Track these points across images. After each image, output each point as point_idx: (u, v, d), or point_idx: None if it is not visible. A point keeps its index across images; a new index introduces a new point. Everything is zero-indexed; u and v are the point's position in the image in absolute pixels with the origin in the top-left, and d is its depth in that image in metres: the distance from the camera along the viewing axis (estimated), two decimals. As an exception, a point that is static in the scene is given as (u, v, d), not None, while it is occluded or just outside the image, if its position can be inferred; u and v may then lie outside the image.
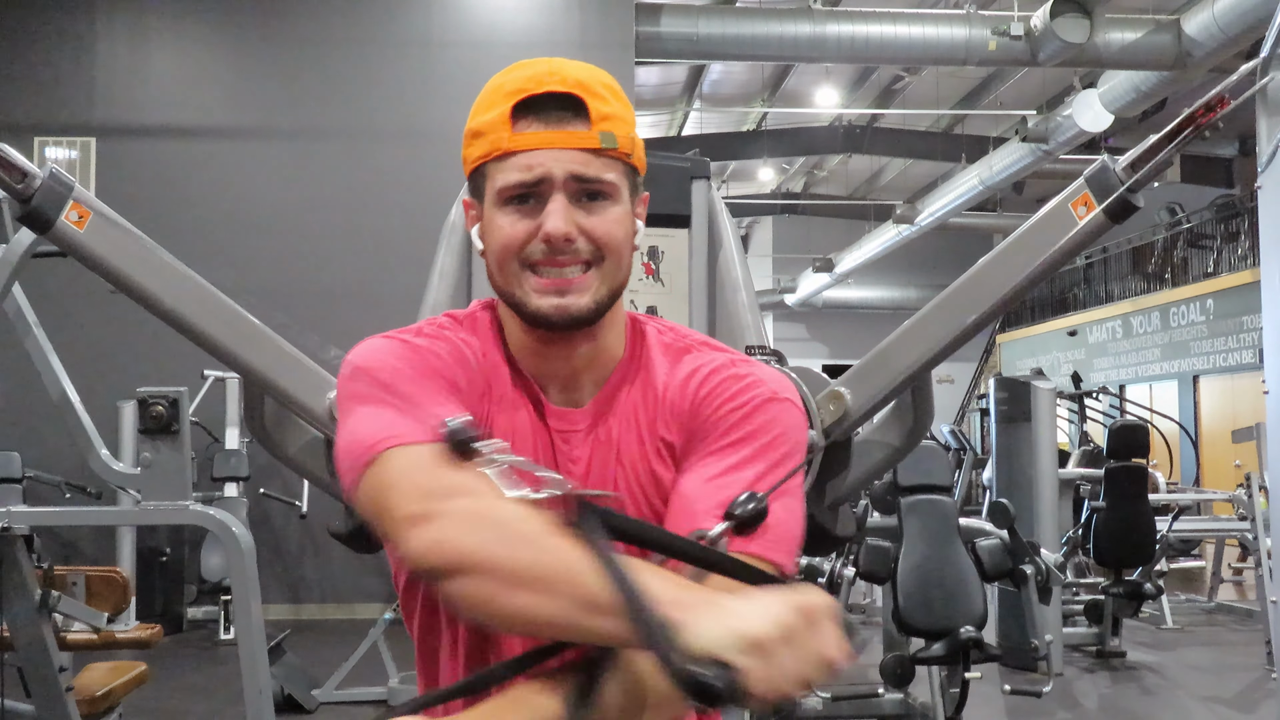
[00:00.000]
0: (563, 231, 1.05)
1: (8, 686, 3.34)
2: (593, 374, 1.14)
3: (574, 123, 1.06)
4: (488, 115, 1.08)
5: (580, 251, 1.07)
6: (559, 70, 1.08)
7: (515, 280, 1.09)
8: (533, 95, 1.06)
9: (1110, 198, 2.18)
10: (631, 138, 1.10)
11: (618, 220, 1.09)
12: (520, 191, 1.07)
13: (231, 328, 2.50)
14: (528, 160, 1.06)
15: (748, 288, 2.96)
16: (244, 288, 3.88)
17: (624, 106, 1.10)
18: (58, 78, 8.74)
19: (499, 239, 1.08)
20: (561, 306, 1.07)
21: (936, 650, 4.09)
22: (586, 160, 1.06)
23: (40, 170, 2.30)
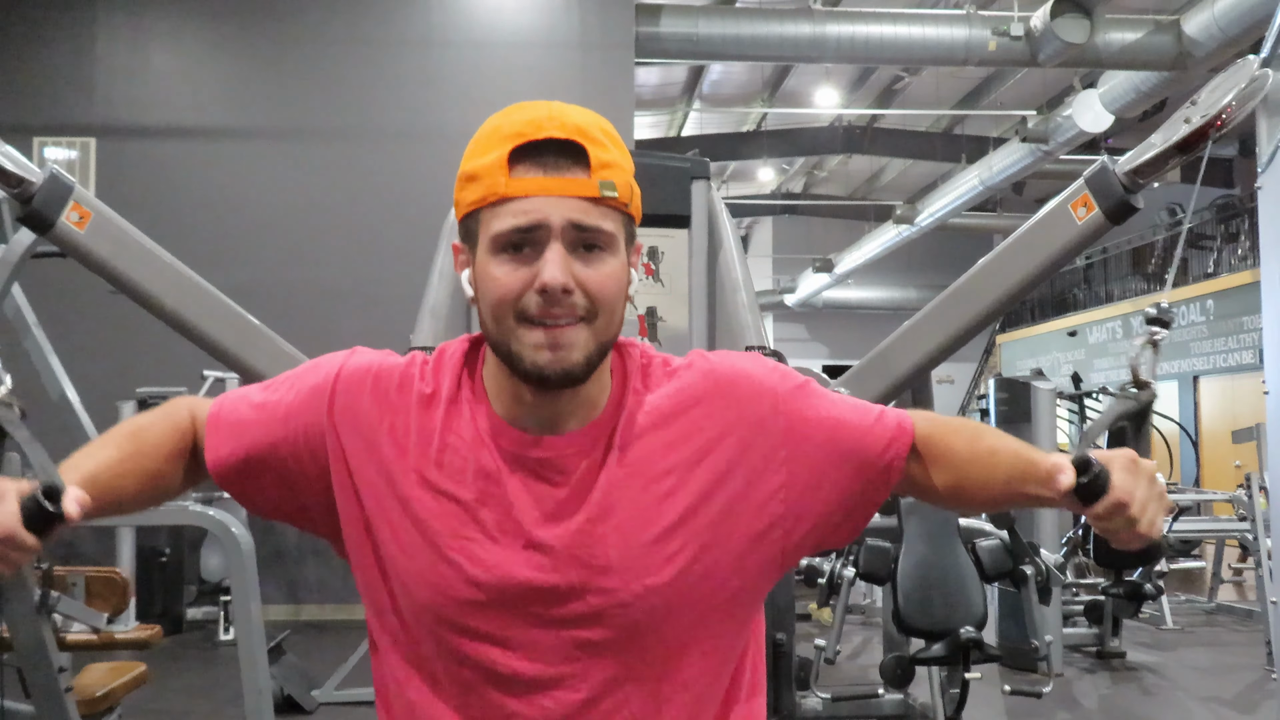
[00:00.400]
0: (560, 282, 1.02)
1: (7, 686, 3.34)
2: (578, 415, 1.11)
3: (573, 170, 1.04)
4: (484, 159, 1.06)
5: (576, 305, 1.04)
6: (559, 115, 1.05)
7: (511, 334, 1.06)
8: (531, 140, 1.04)
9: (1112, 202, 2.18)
10: (630, 185, 1.08)
11: (614, 274, 1.06)
12: (516, 239, 1.04)
13: (231, 328, 2.50)
14: (524, 206, 1.03)
15: (748, 288, 2.96)
16: (244, 288, 3.88)
17: (623, 154, 1.08)
18: (58, 78, 8.73)
19: (494, 290, 1.05)
20: (556, 361, 1.04)
21: (936, 651, 4.09)
22: (585, 209, 1.04)
23: (40, 170, 2.30)
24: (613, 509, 1.08)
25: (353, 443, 1.12)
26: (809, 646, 4.68)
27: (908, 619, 4.21)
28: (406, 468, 1.10)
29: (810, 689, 4.63)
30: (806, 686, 4.65)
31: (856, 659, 6.50)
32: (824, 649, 4.55)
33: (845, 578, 4.82)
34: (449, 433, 1.10)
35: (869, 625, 7.29)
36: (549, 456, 1.09)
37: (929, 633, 4.16)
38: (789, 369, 1.19)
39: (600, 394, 1.11)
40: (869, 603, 7.58)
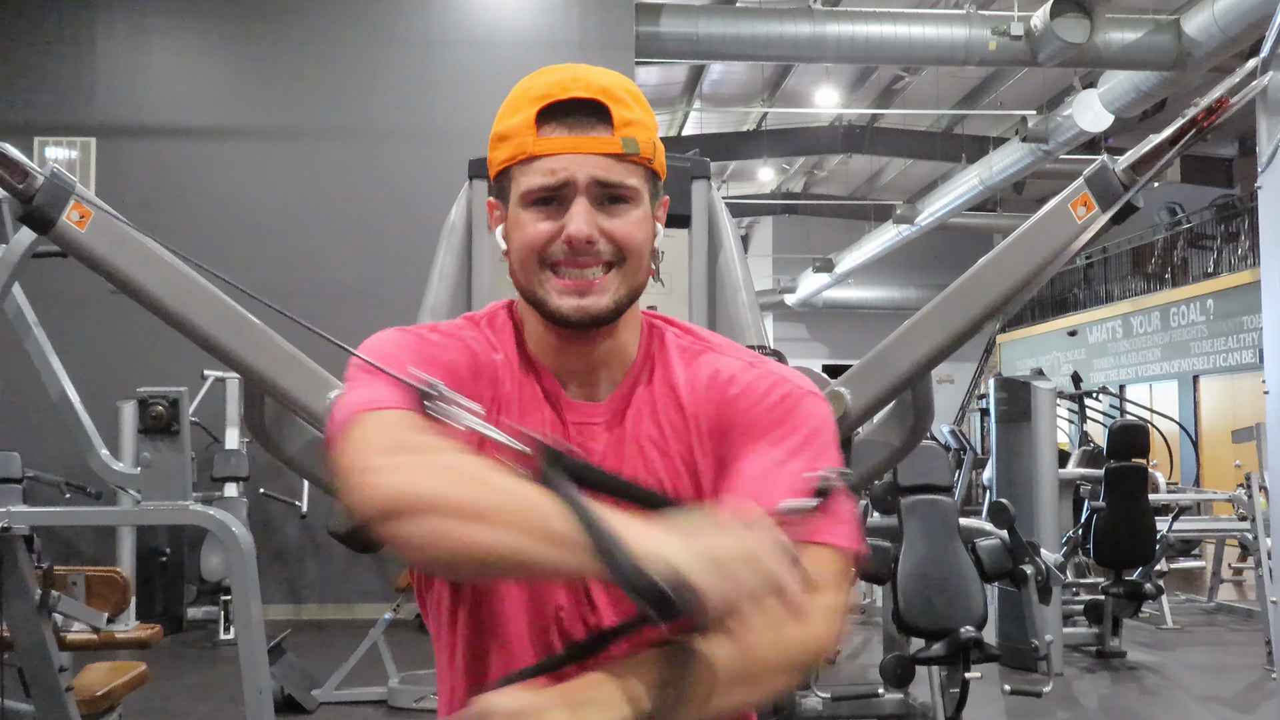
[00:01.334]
0: (585, 234, 1.08)
1: (8, 686, 3.34)
2: (609, 371, 1.16)
3: (597, 128, 1.09)
4: (513, 120, 1.11)
5: (601, 253, 1.10)
6: (584, 76, 1.10)
7: (537, 280, 1.11)
8: (557, 100, 1.09)
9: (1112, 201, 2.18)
10: (653, 143, 1.13)
11: (638, 223, 1.11)
12: (544, 195, 1.09)
13: (231, 328, 2.50)
14: (551, 164, 1.08)
15: (748, 288, 2.96)
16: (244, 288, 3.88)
17: (646, 113, 1.13)
18: (58, 78, 8.74)
19: (522, 239, 1.11)
20: (582, 307, 1.10)
21: (936, 650, 4.09)
22: (609, 165, 1.09)
23: (41, 170, 2.30)
24: (636, 471, 1.13)
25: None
26: (809, 646, 4.67)
27: (908, 619, 4.22)
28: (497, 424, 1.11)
29: (810, 689, 4.63)
30: (806, 686, 4.65)
31: (856, 659, 6.50)
32: (824, 649, 4.54)
33: (845, 577, 4.82)
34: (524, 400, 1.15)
35: (869, 625, 7.29)
36: (586, 422, 1.15)
37: (929, 632, 4.16)
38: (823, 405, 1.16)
39: (629, 351, 1.17)
40: (869, 603, 7.58)
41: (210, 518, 3.26)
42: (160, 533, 7.52)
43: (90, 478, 6.25)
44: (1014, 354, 19.80)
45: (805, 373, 2.52)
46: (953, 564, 4.32)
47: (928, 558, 4.33)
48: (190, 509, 3.32)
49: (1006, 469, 6.64)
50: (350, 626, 7.25)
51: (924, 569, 4.30)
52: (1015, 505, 4.97)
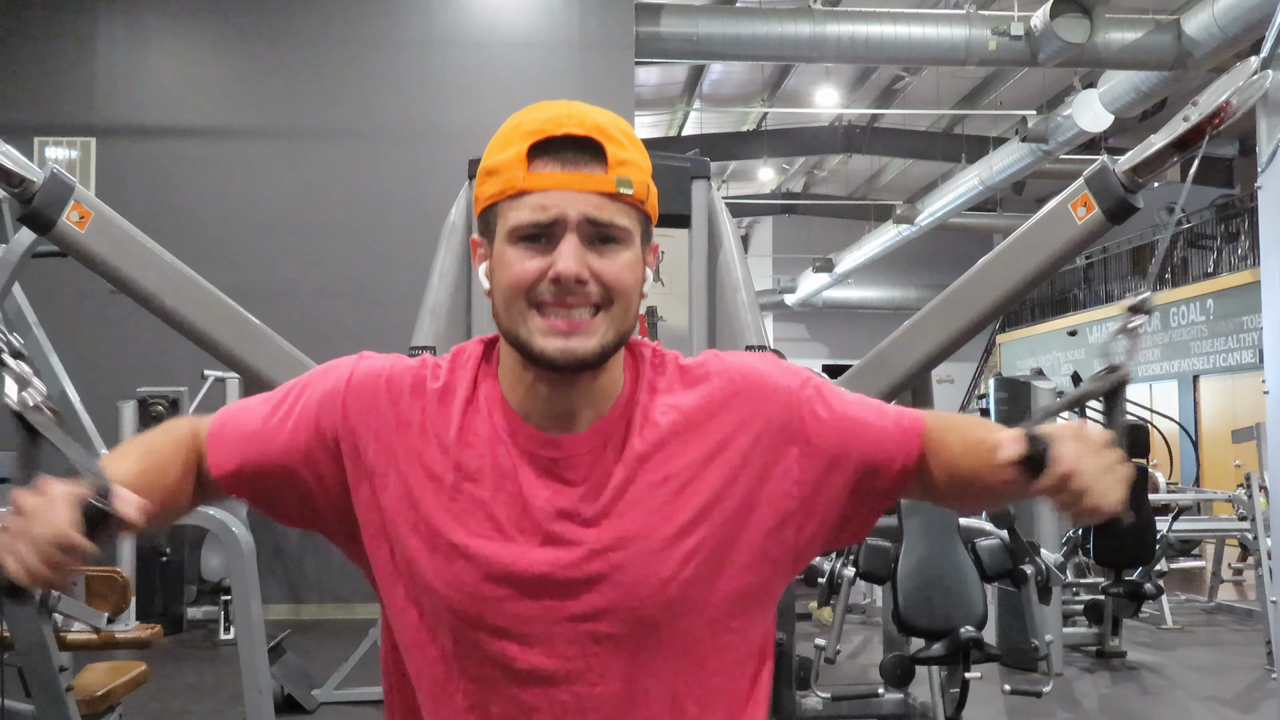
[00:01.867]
0: (574, 272, 1.04)
1: (8, 686, 3.34)
2: (593, 409, 1.12)
3: (590, 166, 1.06)
4: (503, 154, 1.08)
5: (590, 294, 1.06)
6: (578, 114, 1.07)
7: (521, 320, 1.07)
8: (550, 136, 1.06)
9: (1111, 201, 2.18)
10: (647, 185, 1.10)
11: (629, 265, 1.08)
12: (533, 231, 1.06)
13: (231, 327, 2.50)
14: (542, 200, 1.05)
15: (748, 288, 2.96)
16: (244, 288, 3.88)
17: (640, 154, 1.10)
18: (58, 78, 8.74)
19: (508, 276, 1.07)
20: (567, 350, 1.06)
21: (936, 650, 4.09)
22: (601, 204, 1.06)
23: (41, 170, 2.30)
24: (628, 507, 1.09)
25: (369, 445, 1.13)
26: (809, 646, 4.68)
27: (908, 619, 4.21)
28: (423, 467, 1.11)
29: (810, 689, 4.63)
30: (806, 686, 4.65)
31: (856, 659, 6.50)
32: (824, 649, 4.55)
33: (845, 578, 4.82)
34: (466, 431, 1.12)
35: (869, 625, 7.29)
36: (564, 456, 1.10)
37: (929, 632, 4.16)
38: (801, 368, 1.20)
39: (612, 388, 1.13)
40: (869, 603, 7.58)
41: (210, 518, 3.25)
42: (160, 533, 7.51)
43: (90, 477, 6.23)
44: (1014, 354, 19.79)
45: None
46: (953, 564, 4.32)
47: (928, 558, 4.33)
48: (190, 509, 3.31)
49: (1006, 469, 6.63)
50: (350, 626, 7.25)
51: (924, 569, 4.30)
52: (1015, 505, 4.97)
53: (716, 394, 1.13)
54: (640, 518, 1.09)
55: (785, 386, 1.15)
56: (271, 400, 1.18)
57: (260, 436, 1.15)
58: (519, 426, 1.11)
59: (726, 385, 1.14)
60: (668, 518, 1.09)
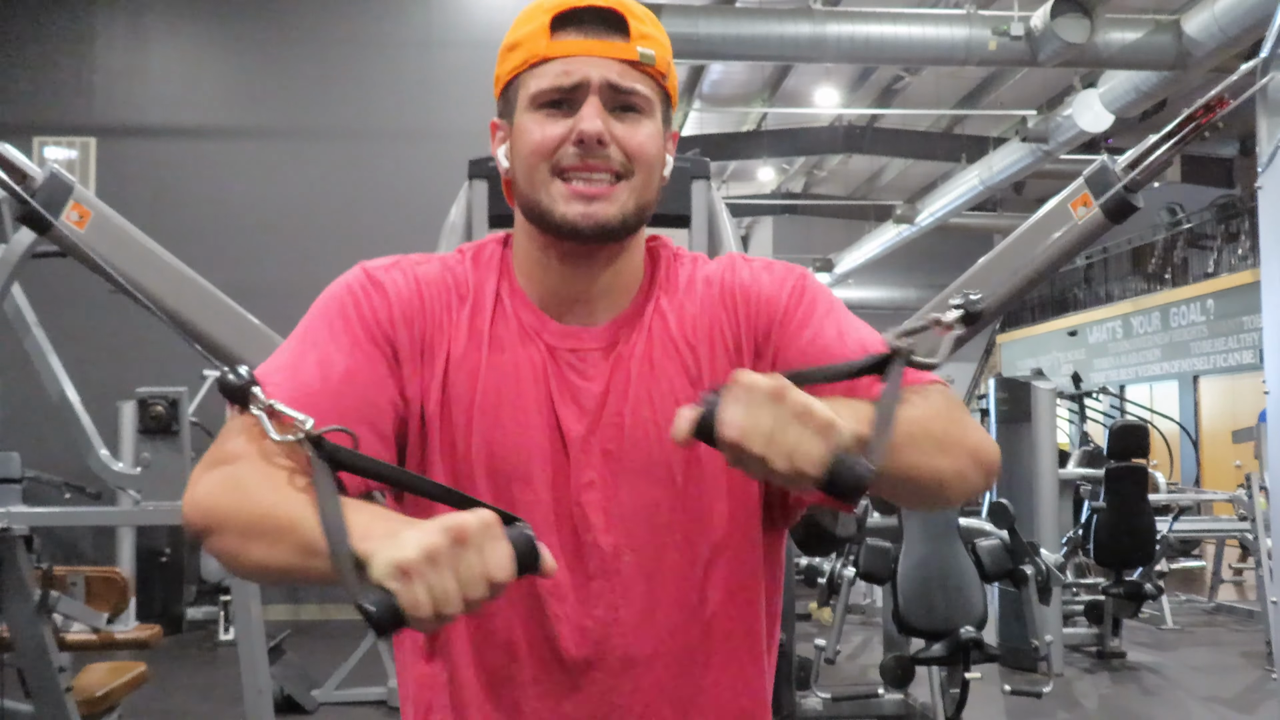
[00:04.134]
0: (597, 130, 1.04)
1: (8, 686, 3.34)
2: (610, 298, 1.12)
3: (613, 35, 1.06)
4: (526, 28, 1.08)
5: (612, 159, 1.06)
6: None
7: (543, 187, 1.07)
8: (573, 8, 1.06)
9: (1107, 195, 2.18)
10: (669, 62, 1.10)
11: (650, 135, 1.08)
12: (555, 96, 1.06)
13: (231, 327, 2.50)
14: (565, 66, 1.05)
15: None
16: (244, 288, 3.88)
17: (662, 34, 1.10)
18: (58, 78, 8.74)
19: (529, 142, 1.07)
20: (589, 214, 1.05)
21: (936, 650, 4.09)
22: (624, 71, 1.06)
23: (40, 170, 2.30)
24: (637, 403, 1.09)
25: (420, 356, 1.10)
26: (809, 646, 4.68)
27: (908, 619, 4.21)
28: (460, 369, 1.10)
29: (810, 689, 4.63)
30: (806, 686, 4.65)
31: (856, 659, 6.50)
32: (824, 649, 4.55)
33: (845, 578, 4.82)
34: (497, 325, 1.11)
35: (869, 625, 7.29)
36: (582, 348, 1.11)
37: (929, 633, 4.16)
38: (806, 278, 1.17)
39: (630, 281, 1.13)
40: (869, 603, 7.58)
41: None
42: (160, 533, 7.51)
43: (90, 478, 6.26)
44: (1014, 354, 19.80)
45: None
46: (953, 564, 4.32)
47: (928, 558, 4.33)
48: (190, 509, 3.31)
49: (1006, 469, 6.64)
50: (350, 626, 7.24)
51: (924, 569, 4.30)
52: (1015, 505, 4.97)
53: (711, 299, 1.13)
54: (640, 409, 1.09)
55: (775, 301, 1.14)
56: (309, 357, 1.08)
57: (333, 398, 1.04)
58: (543, 321, 1.11)
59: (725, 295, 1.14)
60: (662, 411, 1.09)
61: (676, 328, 1.12)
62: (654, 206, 1.11)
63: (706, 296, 1.14)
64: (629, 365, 1.10)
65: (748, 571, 1.13)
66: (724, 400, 0.88)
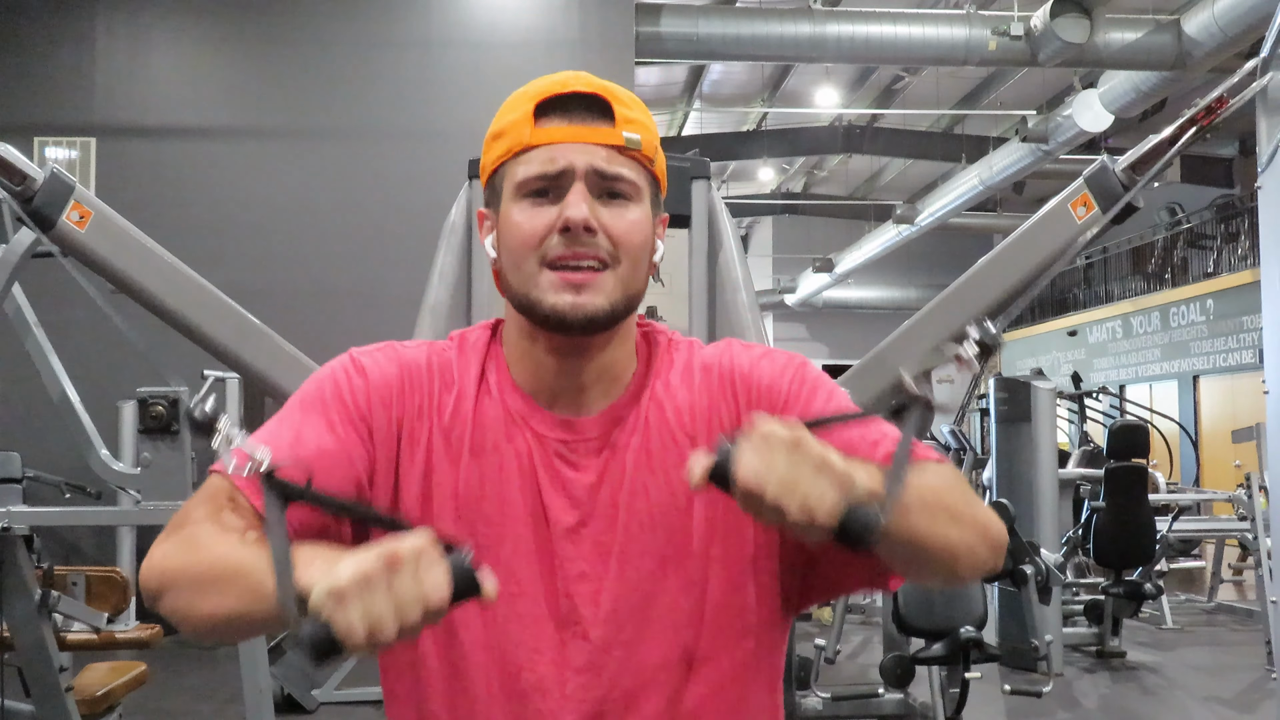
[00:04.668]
0: (583, 217, 1.02)
1: (8, 686, 3.34)
2: (603, 386, 1.10)
3: (598, 121, 1.05)
4: (510, 116, 1.07)
5: (599, 246, 1.04)
6: (584, 75, 1.07)
7: (531, 279, 1.05)
8: (557, 94, 1.06)
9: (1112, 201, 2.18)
10: (655, 147, 1.09)
11: (637, 221, 1.06)
12: (541, 185, 1.05)
13: (231, 327, 2.50)
14: (550, 153, 1.04)
15: (748, 288, 2.96)
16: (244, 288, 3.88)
17: (648, 119, 1.09)
18: (58, 78, 8.73)
19: (516, 233, 1.05)
20: (578, 305, 1.03)
21: (936, 650, 4.09)
22: (609, 156, 1.05)
23: (41, 170, 2.30)
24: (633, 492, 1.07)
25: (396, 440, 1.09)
26: (809, 646, 4.69)
27: (908, 619, 4.21)
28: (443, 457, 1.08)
29: (810, 689, 4.63)
30: (806, 686, 4.65)
31: (856, 659, 6.50)
32: (824, 649, 4.55)
33: (845, 577, 4.82)
34: (480, 415, 1.09)
35: (869, 625, 7.29)
36: (575, 439, 1.09)
37: (929, 632, 4.16)
38: (806, 365, 1.16)
39: (624, 368, 1.12)
40: (869, 602, 7.58)
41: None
42: (160, 533, 7.49)
43: (90, 478, 6.26)
44: (1014, 354, 19.80)
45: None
46: (953, 564, 4.32)
47: (928, 558, 4.33)
48: (190, 509, 3.31)
49: (1006, 469, 6.64)
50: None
51: (924, 569, 4.30)
52: (1015, 505, 4.98)
53: (711, 388, 1.11)
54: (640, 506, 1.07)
55: (779, 391, 1.11)
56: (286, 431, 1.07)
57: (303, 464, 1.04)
58: (532, 409, 1.09)
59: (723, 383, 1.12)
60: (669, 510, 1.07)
61: (674, 416, 1.10)
62: (644, 294, 1.09)
63: (705, 383, 1.12)
64: (624, 456, 1.08)
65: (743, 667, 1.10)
66: (741, 446, 0.87)
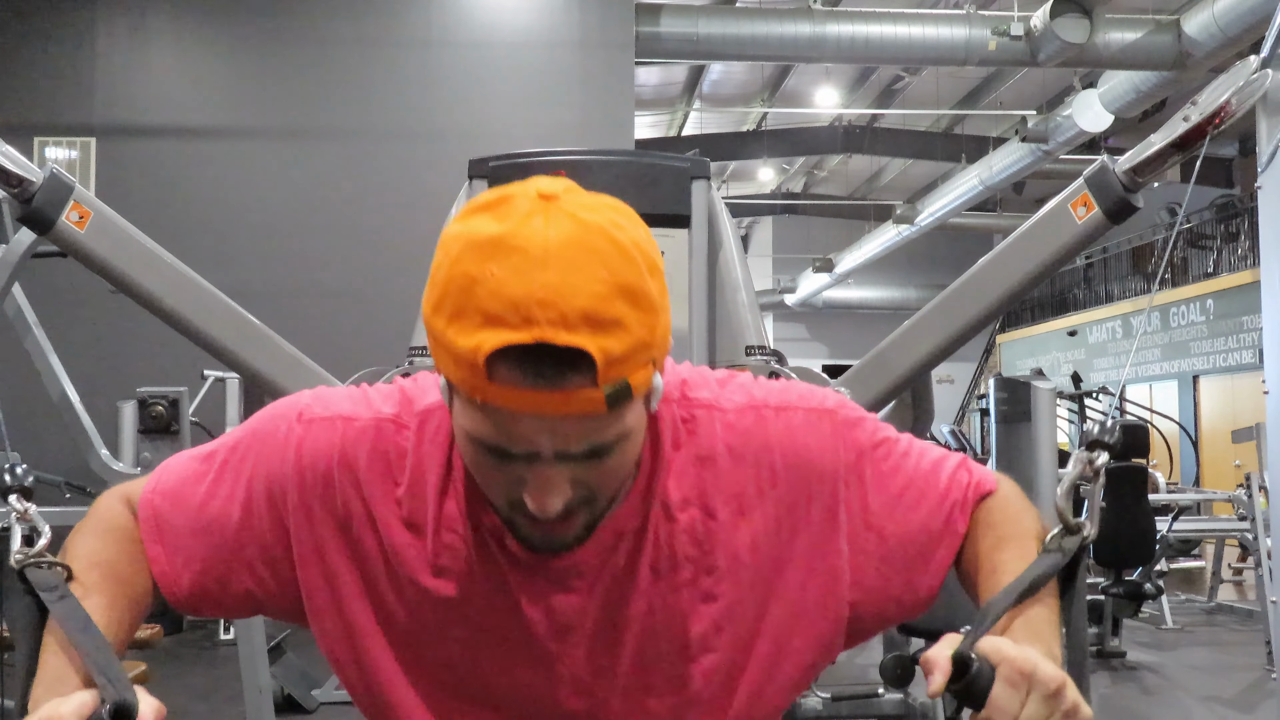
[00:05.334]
0: (554, 513, 0.84)
1: (7, 687, 3.34)
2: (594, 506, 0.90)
3: (573, 378, 0.78)
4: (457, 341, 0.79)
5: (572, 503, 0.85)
6: (554, 301, 0.76)
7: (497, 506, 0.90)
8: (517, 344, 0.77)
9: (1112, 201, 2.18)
10: (651, 359, 0.82)
11: (628, 457, 0.87)
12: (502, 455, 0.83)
13: (231, 328, 2.50)
14: (510, 426, 0.80)
15: (748, 288, 2.96)
16: (244, 288, 3.88)
17: (642, 314, 0.80)
18: (58, 78, 8.74)
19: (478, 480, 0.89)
20: (549, 540, 0.89)
21: (936, 650, 4.09)
22: (586, 430, 0.81)
23: (40, 170, 2.30)
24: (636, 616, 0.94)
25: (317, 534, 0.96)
26: (809, 646, 4.67)
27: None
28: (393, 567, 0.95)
29: (810, 689, 4.63)
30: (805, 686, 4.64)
31: (856, 659, 6.50)
32: (824, 649, 4.54)
33: (845, 577, 4.82)
34: (443, 523, 0.94)
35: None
36: (568, 564, 0.92)
37: (929, 632, 4.16)
38: (851, 421, 1.00)
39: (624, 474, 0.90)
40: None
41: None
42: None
43: (90, 478, 6.25)
44: (1014, 354, 19.79)
45: (804, 374, 2.52)
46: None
47: (928, 558, 4.33)
48: (190, 509, 3.31)
49: (1006, 469, 6.62)
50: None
51: (924, 569, 4.30)
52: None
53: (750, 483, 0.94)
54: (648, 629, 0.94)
55: (834, 467, 0.97)
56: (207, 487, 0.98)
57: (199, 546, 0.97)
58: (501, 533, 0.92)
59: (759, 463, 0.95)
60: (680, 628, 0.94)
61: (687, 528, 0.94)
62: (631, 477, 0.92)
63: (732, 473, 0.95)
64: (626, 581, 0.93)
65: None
66: (999, 677, 0.82)
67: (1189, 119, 1.99)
